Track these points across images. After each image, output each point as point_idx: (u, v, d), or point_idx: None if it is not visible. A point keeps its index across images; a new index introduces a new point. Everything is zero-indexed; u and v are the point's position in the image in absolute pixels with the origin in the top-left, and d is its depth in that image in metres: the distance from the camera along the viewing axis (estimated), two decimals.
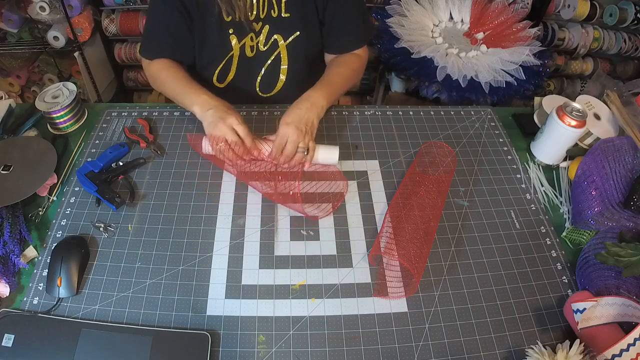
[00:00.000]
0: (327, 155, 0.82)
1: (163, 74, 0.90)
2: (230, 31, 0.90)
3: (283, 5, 0.89)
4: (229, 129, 0.77)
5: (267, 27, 0.91)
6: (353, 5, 0.92)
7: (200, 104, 0.81)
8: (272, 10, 0.89)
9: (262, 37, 0.92)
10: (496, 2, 1.63)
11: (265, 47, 0.93)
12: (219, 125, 0.77)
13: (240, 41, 0.91)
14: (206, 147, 0.81)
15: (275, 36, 0.92)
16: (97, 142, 0.89)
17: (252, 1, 0.87)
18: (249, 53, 0.94)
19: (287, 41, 0.93)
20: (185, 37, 0.90)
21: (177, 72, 0.90)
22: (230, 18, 0.88)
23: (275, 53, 0.95)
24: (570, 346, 0.59)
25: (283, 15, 0.90)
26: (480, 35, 1.61)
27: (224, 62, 0.94)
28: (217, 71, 0.96)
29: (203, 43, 0.92)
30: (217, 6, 0.85)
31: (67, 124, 0.91)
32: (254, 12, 0.88)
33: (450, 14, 1.70)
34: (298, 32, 0.92)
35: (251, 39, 0.92)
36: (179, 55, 0.93)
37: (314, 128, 0.82)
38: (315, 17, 0.92)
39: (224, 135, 0.76)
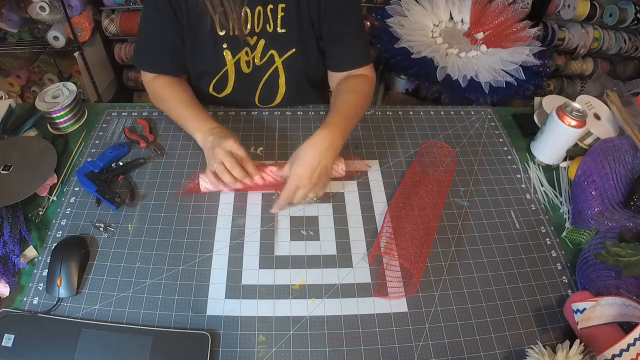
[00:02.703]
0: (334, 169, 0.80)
1: (167, 93, 0.87)
2: (224, 46, 0.87)
3: (279, 20, 0.85)
4: (226, 153, 0.74)
5: (262, 41, 0.88)
6: (352, 22, 0.88)
7: (203, 132, 0.79)
8: (267, 25, 0.86)
9: (257, 52, 0.89)
10: (496, 2, 1.63)
11: (262, 62, 0.90)
12: (217, 150, 0.74)
13: (234, 56, 0.88)
14: (204, 183, 0.77)
15: (271, 51, 0.89)
16: (97, 142, 0.89)
17: (247, 15, 0.84)
18: (245, 69, 0.91)
19: (283, 58, 0.90)
20: (181, 47, 0.88)
21: (181, 93, 0.87)
22: (224, 32, 0.85)
23: (273, 68, 0.92)
24: (570, 346, 0.59)
25: (279, 30, 0.86)
26: (480, 35, 1.61)
27: (218, 76, 0.92)
28: (212, 83, 0.93)
29: (194, 55, 0.89)
30: (210, 19, 0.82)
31: (67, 124, 0.91)
32: (249, 26, 0.85)
33: (450, 14, 1.70)
34: (294, 49, 0.89)
35: (246, 53, 0.89)
36: (178, 67, 0.91)
37: (328, 173, 0.75)
38: (312, 34, 0.89)
39: (221, 159, 0.73)
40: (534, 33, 1.59)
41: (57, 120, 0.90)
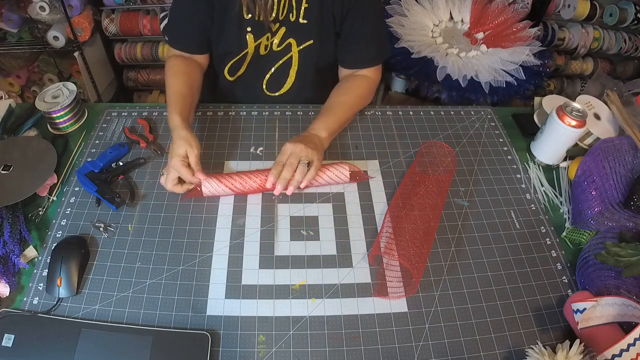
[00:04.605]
0: (337, 173, 0.80)
1: (169, 72, 0.90)
2: (248, 29, 0.90)
3: (302, 11, 0.88)
4: (173, 165, 0.74)
5: (283, 29, 0.91)
6: (370, 23, 0.90)
7: (170, 126, 0.80)
8: (290, 14, 0.89)
9: (277, 39, 0.92)
10: (496, 2, 1.63)
11: (279, 48, 0.93)
12: (171, 159, 0.75)
13: (256, 40, 0.91)
14: (206, 188, 0.77)
15: (289, 40, 0.92)
16: (97, 142, 0.89)
17: (274, 2, 0.87)
18: (262, 51, 0.94)
19: (300, 47, 0.93)
20: (208, 27, 0.91)
21: (181, 78, 0.88)
22: (250, 16, 0.88)
23: (288, 56, 0.94)
24: (570, 346, 0.59)
25: (300, 21, 0.89)
26: (480, 35, 1.61)
27: (237, 57, 0.95)
28: (229, 64, 0.97)
29: (220, 35, 0.92)
30: (238, 2, 0.85)
31: (67, 124, 0.91)
32: (274, 14, 0.88)
33: (450, 14, 1.70)
34: (312, 41, 0.92)
35: (267, 38, 0.92)
36: (200, 46, 0.94)
37: (319, 150, 0.79)
38: (331, 29, 0.91)
39: (170, 168, 0.75)
40: (534, 33, 1.59)
41: (57, 120, 0.90)
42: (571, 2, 1.89)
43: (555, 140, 0.84)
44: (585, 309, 0.60)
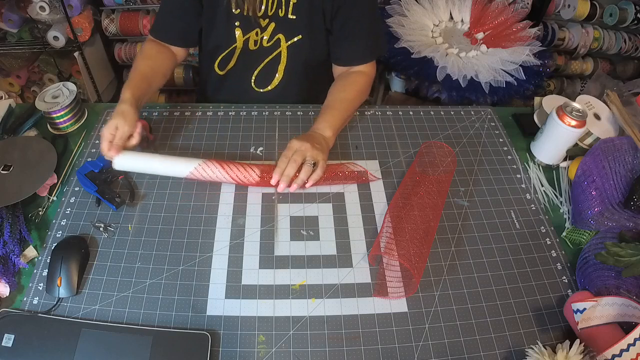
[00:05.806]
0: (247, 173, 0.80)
1: (140, 55, 0.92)
2: (237, 24, 0.91)
3: (291, 6, 0.89)
4: (120, 121, 0.76)
5: (273, 25, 0.91)
6: (364, 19, 0.90)
7: (120, 97, 0.81)
8: (279, 10, 0.89)
9: (266, 34, 0.93)
10: (496, 2, 1.63)
11: (269, 44, 0.94)
12: (117, 116, 0.77)
13: (244, 35, 0.92)
14: (117, 164, 0.76)
15: (279, 35, 0.93)
16: (97, 142, 0.89)
17: None
18: (251, 46, 0.94)
19: (289, 43, 0.93)
20: (193, 23, 0.92)
21: (146, 60, 0.90)
22: (238, 11, 0.89)
23: (277, 51, 0.95)
24: (570, 346, 0.59)
25: (289, 16, 0.90)
26: (480, 35, 1.61)
27: (226, 52, 0.96)
28: (219, 59, 0.98)
29: (210, 30, 0.93)
30: None
31: (67, 124, 0.91)
32: (262, 8, 0.89)
33: (450, 14, 1.70)
34: (300, 36, 0.92)
35: (256, 34, 0.92)
36: (179, 39, 0.95)
37: (324, 151, 0.79)
38: (321, 25, 0.91)
39: (115, 123, 0.76)
40: (534, 33, 1.59)
41: (57, 120, 0.90)
42: (571, 2, 1.89)
43: (555, 140, 0.84)
44: (585, 309, 0.60)
